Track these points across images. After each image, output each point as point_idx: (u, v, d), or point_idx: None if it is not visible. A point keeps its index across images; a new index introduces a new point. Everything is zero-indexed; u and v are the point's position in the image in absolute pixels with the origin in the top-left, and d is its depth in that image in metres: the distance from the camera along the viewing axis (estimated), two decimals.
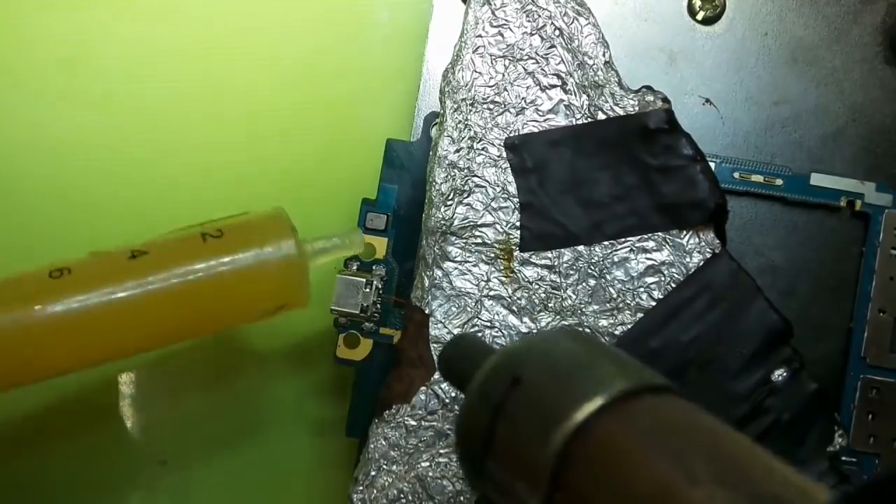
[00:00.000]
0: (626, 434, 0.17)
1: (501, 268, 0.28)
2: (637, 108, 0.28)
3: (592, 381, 0.18)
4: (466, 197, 0.28)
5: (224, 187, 0.33)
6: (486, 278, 0.28)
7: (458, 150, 0.28)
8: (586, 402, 0.17)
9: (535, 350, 0.19)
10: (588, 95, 0.28)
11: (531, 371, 0.19)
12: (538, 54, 0.29)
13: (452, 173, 0.28)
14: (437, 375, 0.28)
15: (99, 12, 0.33)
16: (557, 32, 0.29)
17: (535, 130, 0.28)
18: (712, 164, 0.29)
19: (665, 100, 0.29)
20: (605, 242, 0.28)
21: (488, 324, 0.28)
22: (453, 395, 0.28)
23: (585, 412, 0.17)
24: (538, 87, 0.28)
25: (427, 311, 0.28)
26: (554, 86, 0.28)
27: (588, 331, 0.28)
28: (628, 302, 0.28)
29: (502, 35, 0.29)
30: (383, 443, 0.28)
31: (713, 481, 0.16)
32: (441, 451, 0.28)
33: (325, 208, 0.32)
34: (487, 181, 0.28)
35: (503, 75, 0.29)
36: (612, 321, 0.28)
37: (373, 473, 0.28)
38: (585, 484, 0.17)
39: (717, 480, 0.16)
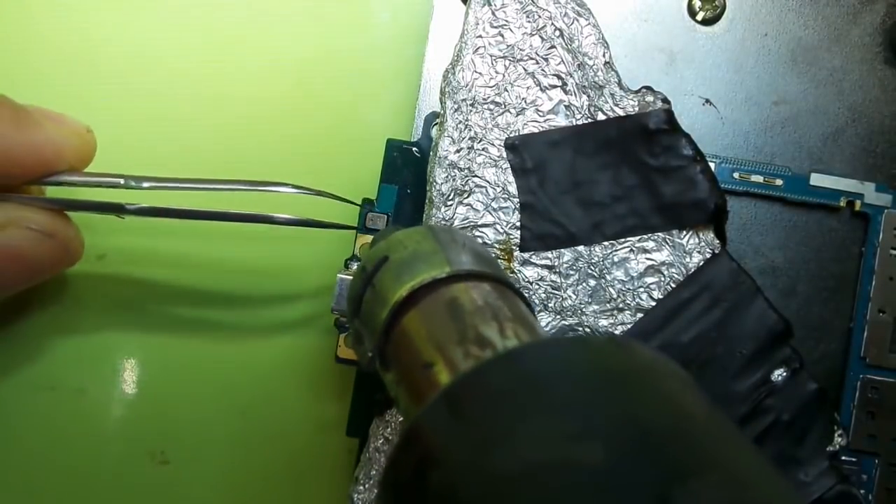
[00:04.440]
0: (421, 313, 0.22)
1: (502, 268, 0.28)
2: (637, 109, 0.28)
3: (417, 270, 0.23)
4: (467, 197, 0.28)
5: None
6: None
7: (458, 151, 0.28)
8: (406, 284, 0.22)
9: (407, 239, 0.24)
10: (588, 96, 0.28)
11: (397, 254, 0.23)
12: (538, 55, 0.29)
13: (453, 173, 0.28)
14: None
15: (104, 14, 0.34)
16: (558, 33, 0.29)
17: (536, 131, 0.28)
18: (712, 165, 0.29)
19: (665, 100, 0.29)
20: (605, 243, 0.28)
21: None
22: None
23: (403, 292, 0.22)
24: (538, 88, 0.29)
25: None
26: (554, 86, 0.29)
27: (588, 330, 0.28)
28: (628, 302, 0.28)
29: (502, 36, 0.29)
30: (383, 442, 0.28)
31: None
32: None
33: (325, 208, 0.32)
34: (488, 181, 0.28)
35: (503, 76, 0.29)
36: (612, 321, 0.28)
37: (373, 473, 0.28)
38: (398, 344, 0.22)
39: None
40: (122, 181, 0.28)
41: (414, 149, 0.30)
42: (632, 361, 0.19)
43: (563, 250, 0.28)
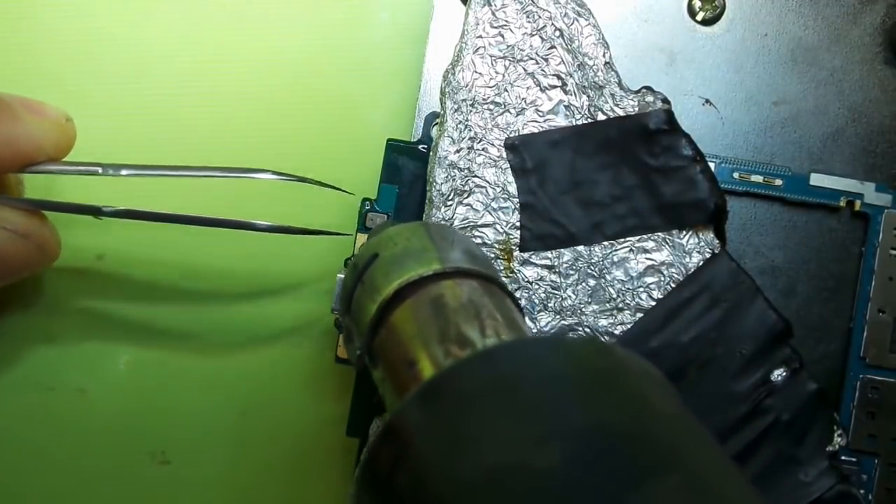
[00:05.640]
0: (408, 310, 0.22)
1: (501, 268, 0.28)
2: (637, 109, 0.28)
3: (406, 267, 0.23)
4: (466, 197, 0.28)
5: (224, 187, 0.33)
6: None
7: (458, 151, 0.28)
8: (394, 281, 0.23)
9: (398, 236, 0.24)
10: (588, 96, 0.28)
11: (387, 251, 0.24)
12: (538, 55, 0.29)
13: (453, 174, 0.28)
14: None
15: (105, 11, 0.34)
16: (558, 33, 0.29)
17: (536, 131, 0.28)
18: (712, 165, 0.29)
19: (665, 100, 0.29)
20: (605, 243, 0.28)
21: None
22: None
23: (391, 289, 0.22)
24: (538, 88, 0.29)
25: None
26: (554, 86, 0.29)
27: (588, 330, 0.28)
28: (628, 302, 0.28)
29: (503, 36, 0.29)
30: None
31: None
32: None
33: (325, 208, 0.32)
34: (487, 181, 0.28)
35: (503, 76, 0.29)
36: (611, 321, 0.28)
37: None
38: (385, 341, 0.22)
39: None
40: (99, 169, 0.28)
41: (421, 146, 0.30)
42: (604, 362, 0.19)
43: (562, 250, 0.28)
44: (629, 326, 0.28)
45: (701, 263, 0.28)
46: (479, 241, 0.28)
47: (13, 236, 0.27)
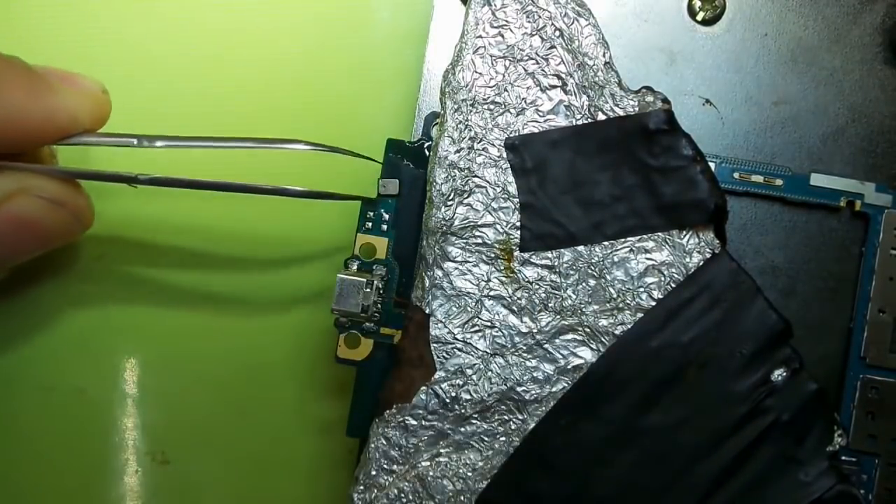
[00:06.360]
0: None
1: (502, 268, 0.28)
2: (637, 109, 0.28)
3: None
4: (467, 197, 0.28)
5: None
6: (486, 278, 0.28)
7: (458, 151, 0.28)
8: None
9: None
10: (588, 96, 0.28)
11: None
12: (538, 55, 0.29)
13: (453, 173, 0.28)
14: (437, 375, 0.28)
15: (104, 14, 0.34)
16: (558, 33, 0.29)
17: (536, 131, 0.28)
18: (712, 165, 0.29)
19: (665, 100, 0.29)
20: (605, 242, 0.28)
21: (489, 323, 0.28)
22: (454, 394, 0.28)
23: None
24: (538, 88, 0.29)
25: (427, 311, 0.28)
26: (554, 86, 0.29)
27: (588, 330, 0.28)
28: (628, 302, 0.28)
29: (503, 36, 0.29)
30: (384, 442, 0.28)
31: None
32: (441, 450, 0.28)
33: (325, 208, 0.32)
34: (488, 181, 0.28)
35: (503, 76, 0.29)
36: (612, 321, 0.28)
37: (373, 473, 0.28)
38: None
39: None
40: (135, 141, 0.28)
41: (427, 144, 0.30)
42: None
43: (563, 250, 0.28)
44: (629, 326, 0.28)
45: (701, 263, 0.28)
46: (479, 240, 0.28)
47: (49, 205, 0.27)
